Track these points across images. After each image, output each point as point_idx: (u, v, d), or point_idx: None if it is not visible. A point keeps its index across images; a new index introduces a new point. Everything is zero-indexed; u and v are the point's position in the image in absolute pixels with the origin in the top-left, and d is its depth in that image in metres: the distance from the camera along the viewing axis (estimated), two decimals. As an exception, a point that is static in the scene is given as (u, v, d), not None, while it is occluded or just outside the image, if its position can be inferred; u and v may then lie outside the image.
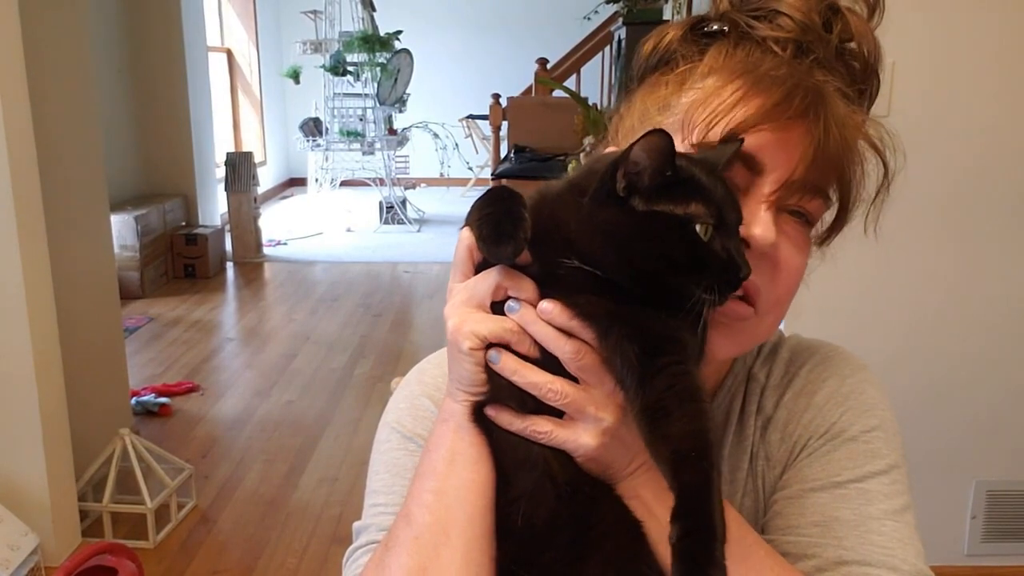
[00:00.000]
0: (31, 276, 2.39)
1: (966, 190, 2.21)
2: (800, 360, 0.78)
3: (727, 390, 0.78)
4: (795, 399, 0.75)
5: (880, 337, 2.29)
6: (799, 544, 0.67)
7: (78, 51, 2.95)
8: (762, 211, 0.66)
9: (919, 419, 2.33)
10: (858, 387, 0.76)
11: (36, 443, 2.45)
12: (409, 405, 0.81)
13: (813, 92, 0.66)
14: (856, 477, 0.70)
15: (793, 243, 0.68)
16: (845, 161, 0.67)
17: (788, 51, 0.69)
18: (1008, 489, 2.39)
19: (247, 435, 3.51)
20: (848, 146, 0.67)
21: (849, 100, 0.70)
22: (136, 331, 4.76)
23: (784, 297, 0.69)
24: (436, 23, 9.46)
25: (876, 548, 0.66)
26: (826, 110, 0.66)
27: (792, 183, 0.66)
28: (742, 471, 0.76)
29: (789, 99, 0.65)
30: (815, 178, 0.66)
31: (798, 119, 0.65)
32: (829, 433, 0.73)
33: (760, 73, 0.67)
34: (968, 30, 2.12)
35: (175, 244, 5.84)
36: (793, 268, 0.68)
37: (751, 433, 0.76)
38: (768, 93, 0.65)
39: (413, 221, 7.76)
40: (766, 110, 0.65)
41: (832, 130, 0.65)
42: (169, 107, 5.90)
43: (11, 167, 2.30)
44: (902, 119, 0.79)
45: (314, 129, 7.93)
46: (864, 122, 0.70)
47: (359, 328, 4.93)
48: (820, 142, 0.65)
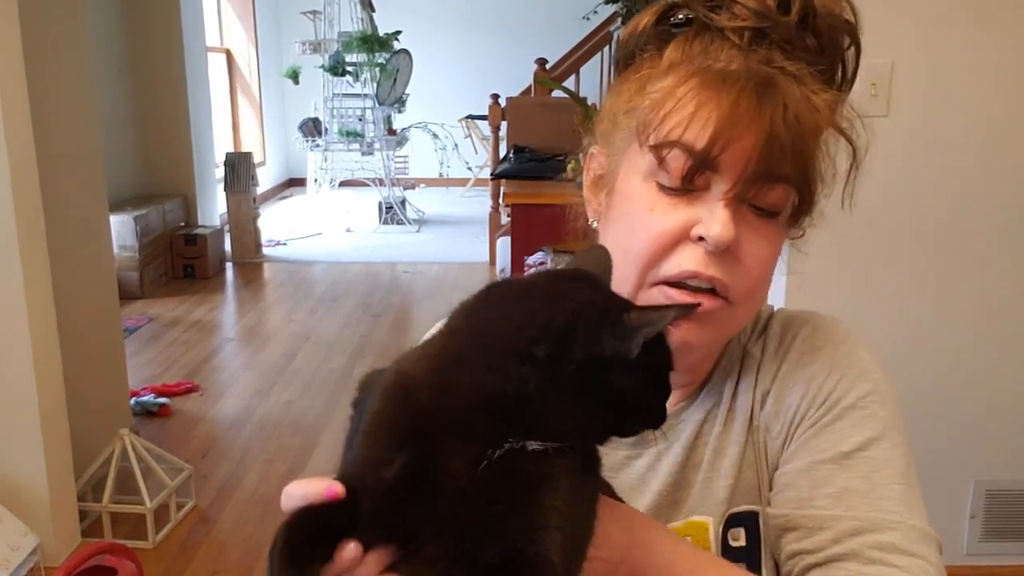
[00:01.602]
0: (31, 276, 2.39)
1: (967, 190, 2.21)
2: (792, 331, 0.79)
3: (722, 369, 0.79)
4: (791, 370, 0.77)
5: (879, 337, 2.28)
6: (814, 518, 0.69)
7: (78, 51, 2.95)
8: (719, 209, 0.67)
9: (918, 419, 2.34)
10: (850, 351, 0.77)
11: (36, 443, 2.45)
12: None
13: (764, 83, 0.67)
14: (860, 445, 0.71)
15: (758, 234, 0.69)
16: (801, 147, 0.67)
17: (745, 39, 0.69)
18: (1007, 489, 2.39)
19: (247, 435, 3.51)
20: (803, 132, 0.67)
21: (820, 79, 0.70)
22: (136, 331, 4.76)
23: (755, 287, 0.71)
24: (435, 23, 9.46)
25: (886, 514, 0.68)
26: (777, 99, 0.66)
27: (747, 178, 0.67)
28: (738, 445, 0.77)
29: (738, 97, 0.66)
30: (769, 169, 0.67)
31: (748, 114, 0.66)
32: (828, 402, 0.74)
33: (713, 71, 0.68)
34: (967, 32, 2.12)
35: (175, 244, 5.84)
36: (759, 259, 0.70)
37: (749, 407, 0.77)
38: (718, 92, 0.66)
39: (412, 221, 7.76)
40: (716, 111, 0.66)
41: (782, 119, 0.66)
42: (168, 107, 5.89)
43: (11, 167, 2.30)
44: (902, 120, 0.79)
45: (313, 129, 7.93)
46: (832, 101, 0.70)
47: (359, 328, 4.93)
48: (769, 133, 0.66)
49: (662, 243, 0.69)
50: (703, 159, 0.67)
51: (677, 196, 0.69)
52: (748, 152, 0.66)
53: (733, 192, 0.67)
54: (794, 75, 0.69)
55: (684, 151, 0.67)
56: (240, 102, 8.94)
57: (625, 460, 0.79)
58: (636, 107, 0.71)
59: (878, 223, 2.22)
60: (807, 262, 2.13)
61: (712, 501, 0.76)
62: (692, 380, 0.80)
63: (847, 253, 2.24)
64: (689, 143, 0.67)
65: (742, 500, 0.76)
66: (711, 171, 0.67)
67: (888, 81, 2.13)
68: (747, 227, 0.69)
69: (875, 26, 2.33)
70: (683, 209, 0.69)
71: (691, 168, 0.68)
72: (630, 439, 0.75)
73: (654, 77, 0.71)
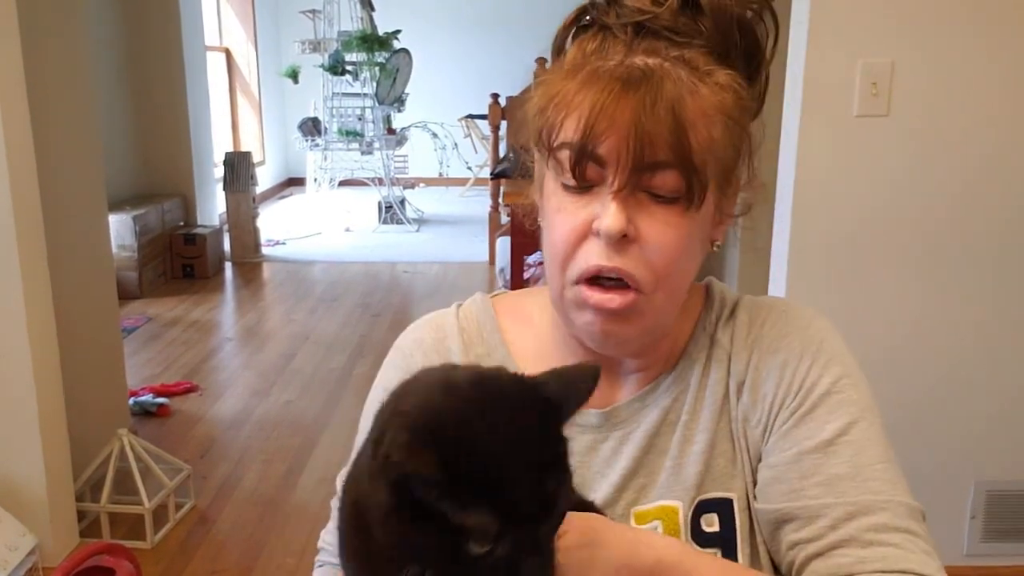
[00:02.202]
0: (29, 276, 2.39)
1: (967, 189, 2.20)
2: (760, 318, 0.81)
3: (689, 356, 0.81)
4: (763, 358, 0.78)
5: (879, 337, 2.28)
6: (809, 508, 0.71)
7: (77, 51, 2.94)
8: (609, 201, 0.69)
9: (919, 420, 2.33)
10: (818, 336, 0.79)
11: (34, 443, 2.44)
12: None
13: (634, 76, 0.69)
14: (840, 430, 0.73)
15: (658, 220, 0.70)
16: (677, 133, 0.68)
17: (629, 34, 0.72)
18: (1007, 490, 2.39)
19: (246, 435, 3.51)
20: (680, 118, 0.68)
21: (718, 59, 0.72)
22: (134, 331, 4.76)
23: (664, 272, 0.71)
24: (435, 22, 9.45)
25: (875, 496, 0.71)
26: (645, 91, 0.68)
27: (626, 169, 0.68)
28: (708, 432, 0.78)
29: (602, 93, 0.68)
30: (643, 158, 0.68)
31: (624, 106, 0.68)
32: (804, 389, 0.76)
33: (589, 70, 0.70)
34: (968, 31, 2.12)
35: (174, 244, 5.83)
36: (662, 244, 0.70)
37: (721, 397, 0.79)
38: (590, 90, 0.69)
39: (412, 221, 7.76)
40: (588, 108, 0.68)
41: (649, 110, 0.67)
42: (167, 107, 5.89)
43: (9, 167, 2.29)
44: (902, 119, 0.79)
45: (313, 129, 7.92)
46: (726, 82, 0.71)
47: (358, 328, 4.93)
48: (635, 124, 0.67)
49: (569, 242, 0.72)
50: (579, 155, 0.69)
51: (578, 194, 0.72)
52: (620, 143, 0.68)
53: (617, 184, 0.69)
54: (686, 61, 0.70)
55: (568, 150, 0.70)
56: (239, 101, 8.93)
57: (593, 444, 0.80)
58: (540, 111, 0.74)
59: (878, 222, 2.22)
60: (806, 259, 2.13)
61: (681, 487, 0.78)
62: (648, 365, 0.81)
63: (847, 252, 2.24)
64: (569, 142, 0.70)
65: (713, 487, 0.78)
66: (598, 165, 0.69)
67: (888, 80, 2.13)
68: (645, 214, 0.70)
69: (875, 26, 2.34)
70: (584, 207, 0.71)
71: (573, 166, 0.70)
72: (594, 421, 0.79)
73: (554, 80, 0.73)
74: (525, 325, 0.84)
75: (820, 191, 2.21)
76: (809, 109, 2.16)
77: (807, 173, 2.20)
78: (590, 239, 0.71)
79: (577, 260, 0.72)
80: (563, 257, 0.73)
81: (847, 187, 2.20)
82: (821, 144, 2.18)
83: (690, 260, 0.73)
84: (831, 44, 2.12)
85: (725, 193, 0.75)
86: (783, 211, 2.28)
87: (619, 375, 0.81)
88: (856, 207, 2.22)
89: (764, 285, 2.43)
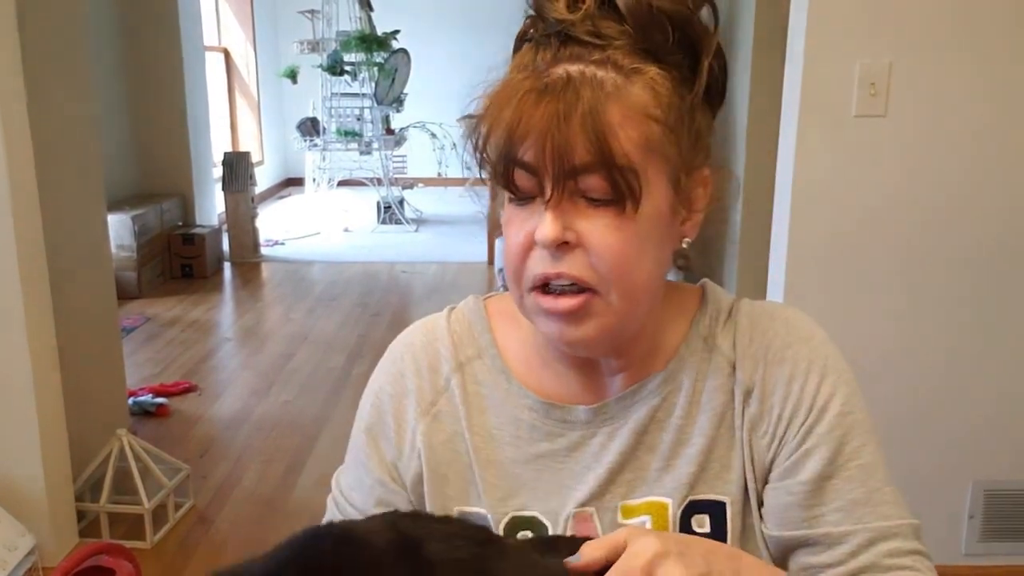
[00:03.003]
0: (28, 276, 2.39)
1: (965, 189, 2.21)
2: (761, 326, 0.81)
3: (681, 359, 0.81)
4: (770, 369, 0.79)
5: (877, 337, 2.29)
6: (831, 535, 0.75)
7: (75, 50, 2.94)
8: (544, 211, 0.70)
9: (917, 420, 2.34)
10: (823, 351, 0.80)
11: (33, 443, 2.44)
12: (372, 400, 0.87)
13: (550, 85, 0.69)
14: (853, 454, 0.76)
15: (598, 223, 0.70)
16: (598, 137, 0.68)
17: (553, 43, 0.73)
18: (1006, 489, 2.39)
19: (245, 435, 3.51)
20: (600, 122, 0.68)
21: (646, 58, 0.71)
22: (133, 331, 4.76)
23: (614, 273, 0.71)
24: (433, 22, 9.46)
25: (887, 522, 0.75)
26: (560, 98, 0.68)
27: (551, 176, 0.69)
28: (705, 437, 0.79)
29: (519, 103, 0.69)
30: (564, 164, 0.69)
31: (540, 114, 0.68)
32: (815, 409, 0.77)
33: (514, 83, 0.71)
34: (965, 32, 2.12)
35: (172, 244, 5.83)
36: (607, 246, 0.70)
37: (723, 403, 0.79)
38: (510, 102, 0.70)
39: (411, 221, 7.76)
40: (508, 120, 0.70)
41: (563, 116, 0.68)
42: (166, 107, 5.89)
43: (8, 166, 2.29)
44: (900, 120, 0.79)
45: (311, 129, 7.92)
46: (652, 81, 0.71)
47: (357, 328, 4.93)
48: (547, 133, 0.68)
49: (519, 253, 0.73)
50: (505, 165, 0.71)
51: (521, 206, 0.73)
52: (539, 151, 0.69)
53: (548, 192, 0.70)
54: (611, 62, 0.70)
55: (498, 162, 0.71)
56: (238, 101, 8.93)
57: (581, 439, 0.81)
58: (473, 127, 0.75)
59: (876, 221, 2.23)
60: (805, 259, 2.13)
61: (672, 485, 0.78)
62: (632, 364, 0.81)
63: (845, 251, 2.25)
64: (496, 155, 0.71)
65: (706, 489, 0.78)
66: (529, 174, 0.70)
67: (886, 81, 2.13)
68: (583, 219, 0.70)
69: (873, 26, 2.34)
70: (527, 218, 0.72)
71: (501, 176, 0.71)
72: (583, 416, 0.80)
73: (488, 95, 0.74)
74: (515, 326, 0.85)
75: (818, 191, 2.21)
76: (807, 109, 2.16)
77: (805, 173, 2.20)
78: (536, 248, 0.72)
79: (528, 270, 0.73)
80: (515, 269, 0.74)
81: (845, 187, 2.21)
82: (819, 144, 2.19)
83: (643, 258, 0.72)
84: (829, 45, 2.13)
85: (682, 188, 0.74)
86: (781, 211, 2.29)
87: (604, 374, 0.81)
88: (854, 207, 2.22)
89: (763, 284, 2.43)
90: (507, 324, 0.86)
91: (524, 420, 0.81)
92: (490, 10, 9.40)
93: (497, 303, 0.89)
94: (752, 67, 3.48)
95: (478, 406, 0.83)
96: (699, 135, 0.74)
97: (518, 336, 0.85)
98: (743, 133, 3.54)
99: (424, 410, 0.83)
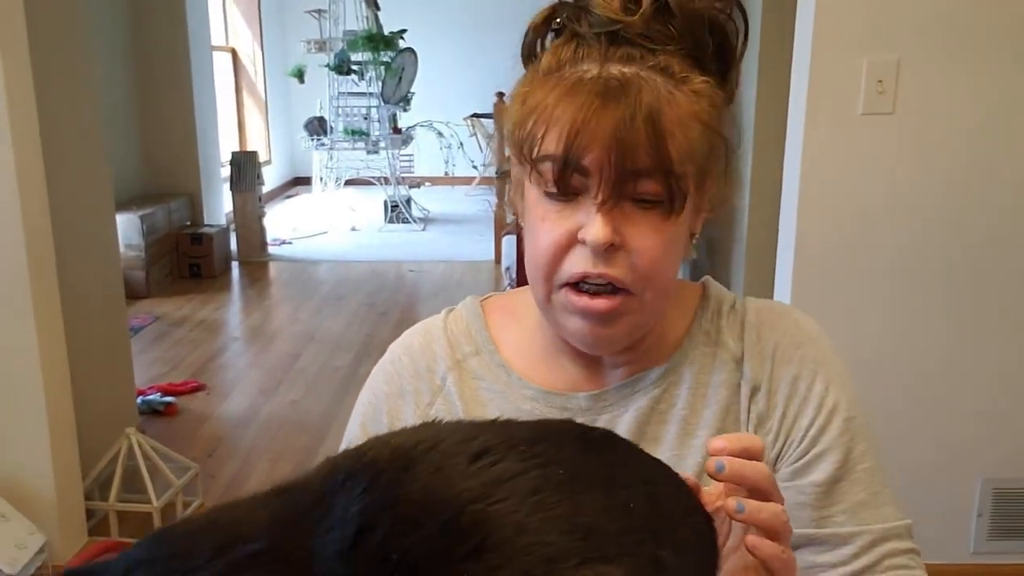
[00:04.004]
0: (37, 276, 2.40)
1: (973, 187, 2.20)
2: (769, 323, 0.83)
3: (683, 352, 0.82)
4: (778, 368, 0.81)
5: (885, 334, 2.28)
6: (838, 535, 0.77)
7: (83, 51, 2.95)
8: (594, 213, 0.71)
9: (925, 417, 2.33)
10: (828, 353, 0.82)
11: (43, 442, 2.46)
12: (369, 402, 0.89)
13: (612, 86, 0.70)
14: (860, 457, 0.78)
15: (643, 226, 0.72)
16: (656, 141, 0.69)
17: (603, 42, 0.72)
18: (1014, 487, 2.38)
19: (253, 434, 3.52)
20: (658, 126, 0.69)
21: (693, 64, 0.72)
22: (142, 330, 4.77)
23: (650, 275, 0.73)
24: (440, 21, 9.46)
25: (889, 523, 0.78)
26: (623, 100, 0.69)
27: (609, 180, 0.70)
28: (710, 429, 0.80)
29: (583, 104, 0.69)
30: (624, 167, 0.69)
31: (604, 119, 0.69)
32: (823, 410, 0.79)
33: (570, 80, 0.71)
34: (974, 28, 2.12)
35: (180, 243, 5.85)
36: (647, 249, 0.72)
37: (727, 398, 0.80)
38: (571, 102, 0.70)
39: (418, 220, 7.77)
40: (568, 120, 0.69)
41: (628, 119, 0.68)
42: (174, 107, 5.91)
43: (17, 167, 2.30)
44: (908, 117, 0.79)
45: (319, 128, 7.94)
46: (701, 88, 0.72)
47: (364, 327, 4.94)
48: (614, 135, 0.68)
49: (554, 251, 0.73)
50: (563, 168, 0.70)
51: (562, 203, 0.73)
52: (602, 155, 0.69)
53: (601, 196, 0.70)
54: (662, 68, 0.71)
55: (551, 163, 0.71)
56: (245, 101, 8.95)
57: None
58: (519, 124, 0.75)
59: (883, 219, 2.22)
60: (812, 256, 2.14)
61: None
62: (635, 359, 0.82)
63: (852, 249, 2.24)
64: (551, 155, 0.71)
65: (708, 481, 0.79)
66: (581, 175, 0.70)
67: (894, 78, 2.13)
68: (629, 222, 0.71)
69: (881, 23, 2.33)
70: (569, 215, 0.72)
71: (557, 178, 0.71)
72: (583, 403, 0.81)
73: (533, 89, 0.74)
74: (514, 322, 0.86)
75: (825, 189, 2.21)
76: (814, 107, 2.16)
77: (812, 171, 2.20)
78: (576, 247, 0.72)
79: (563, 267, 0.73)
80: (548, 266, 0.74)
81: (852, 185, 2.20)
82: (826, 142, 2.18)
83: (674, 258, 0.75)
84: (836, 41, 2.12)
85: (702, 191, 0.76)
86: (788, 209, 2.28)
87: (605, 367, 0.82)
88: (861, 205, 2.21)
89: (770, 282, 2.43)
90: (506, 321, 0.87)
91: (525, 410, 0.82)
92: (497, 9, 9.40)
93: (495, 302, 0.90)
94: (759, 64, 3.47)
95: (478, 400, 0.83)
96: (723, 137, 0.76)
97: (517, 332, 0.86)
98: (750, 131, 3.53)
99: (422, 412, 0.85)
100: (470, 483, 0.49)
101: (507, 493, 0.48)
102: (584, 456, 0.53)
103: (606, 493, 0.50)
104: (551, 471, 0.50)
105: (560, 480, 0.49)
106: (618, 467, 0.54)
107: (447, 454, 0.51)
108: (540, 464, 0.50)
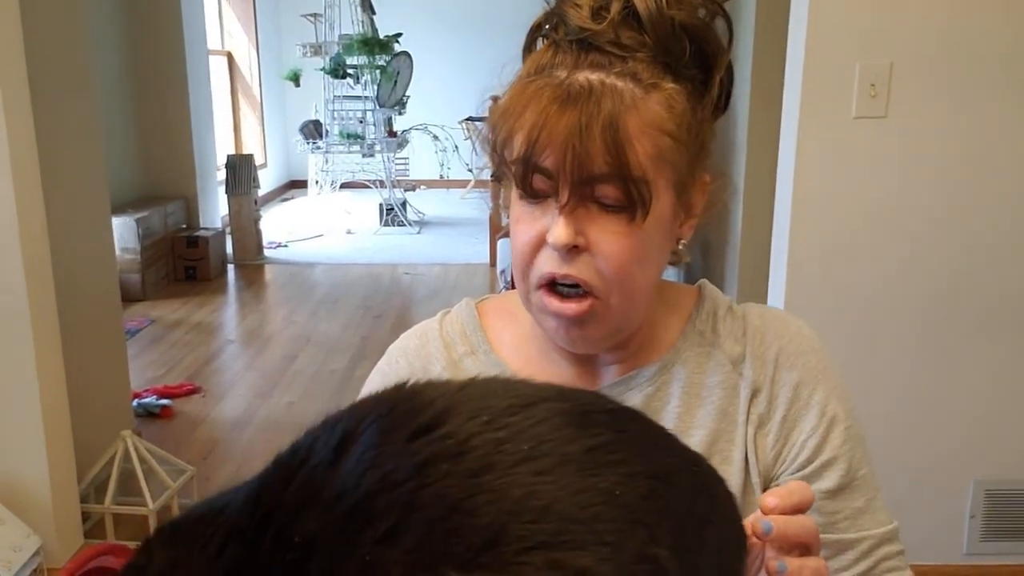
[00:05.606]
0: (33, 278, 2.40)
1: (966, 190, 2.21)
2: (775, 330, 0.84)
3: (677, 353, 0.83)
4: (780, 371, 0.82)
5: (877, 336, 2.29)
6: (841, 541, 0.79)
7: (79, 54, 2.96)
8: (557, 215, 0.72)
9: (918, 419, 2.34)
10: (827, 361, 0.84)
11: (38, 445, 2.46)
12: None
13: (574, 92, 0.71)
14: (859, 465, 0.81)
15: (607, 230, 0.72)
16: (616, 147, 0.69)
17: (574, 49, 0.74)
18: (1007, 489, 2.40)
19: (248, 437, 3.52)
20: (619, 133, 0.69)
21: (664, 71, 0.73)
22: (137, 333, 4.77)
23: (617, 278, 0.74)
24: (435, 25, 9.47)
25: (884, 528, 0.80)
26: (582, 106, 0.70)
27: (569, 182, 0.71)
28: (706, 429, 0.81)
29: (544, 108, 0.70)
30: (583, 172, 0.70)
31: (562, 122, 0.69)
32: (825, 418, 0.81)
33: (537, 85, 0.73)
34: (967, 32, 2.13)
35: (176, 246, 5.85)
36: (613, 252, 0.72)
37: (724, 399, 0.82)
38: (536, 105, 0.71)
39: (413, 223, 7.77)
40: (531, 123, 0.71)
41: (584, 125, 0.69)
42: (170, 110, 5.91)
43: (13, 170, 2.31)
44: (901, 121, 0.80)
45: (314, 131, 7.94)
46: (668, 96, 0.72)
47: (359, 330, 4.94)
48: (569, 140, 0.69)
49: (527, 251, 0.75)
50: (525, 169, 0.72)
51: (533, 205, 0.74)
52: (559, 159, 0.70)
53: (563, 198, 0.71)
54: (631, 74, 0.72)
55: (516, 164, 0.73)
56: (241, 104, 8.95)
57: None
58: (493, 125, 0.77)
59: (876, 222, 2.23)
60: (805, 260, 2.15)
61: None
62: (626, 358, 0.83)
63: (845, 253, 2.25)
64: (515, 157, 0.73)
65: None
66: (545, 177, 0.72)
67: (887, 82, 2.14)
68: (594, 225, 0.72)
69: (874, 27, 2.34)
70: (539, 217, 0.74)
71: (520, 179, 0.73)
72: None
73: (510, 93, 0.76)
74: (509, 321, 0.87)
75: (819, 193, 2.22)
76: (807, 111, 2.17)
77: (806, 175, 2.21)
78: (545, 248, 0.74)
79: (535, 267, 0.75)
80: (523, 266, 0.76)
81: (845, 188, 2.21)
82: (819, 146, 2.20)
83: (646, 262, 0.75)
84: (829, 45, 2.14)
85: (685, 194, 0.76)
86: (782, 212, 2.29)
87: (599, 365, 0.84)
88: (855, 208, 2.23)
89: (764, 286, 2.44)
90: (501, 321, 0.88)
91: None
92: (491, 13, 9.43)
93: (491, 303, 0.91)
94: (752, 68, 3.49)
95: None
96: (704, 144, 0.77)
97: (513, 331, 0.87)
98: (744, 135, 3.55)
99: None
100: (402, 463, 0.45)
101: (442, 474, 0.44)
102: (566, 432, 0.47)
103: (582, 475, 0.45)
104: (513, 447, 0.45)
105: (519, 458, 0.44)
106: (614, 451, 0.47)
107: (385, 430, 0.48)
108: (498, 440, 0.45)
